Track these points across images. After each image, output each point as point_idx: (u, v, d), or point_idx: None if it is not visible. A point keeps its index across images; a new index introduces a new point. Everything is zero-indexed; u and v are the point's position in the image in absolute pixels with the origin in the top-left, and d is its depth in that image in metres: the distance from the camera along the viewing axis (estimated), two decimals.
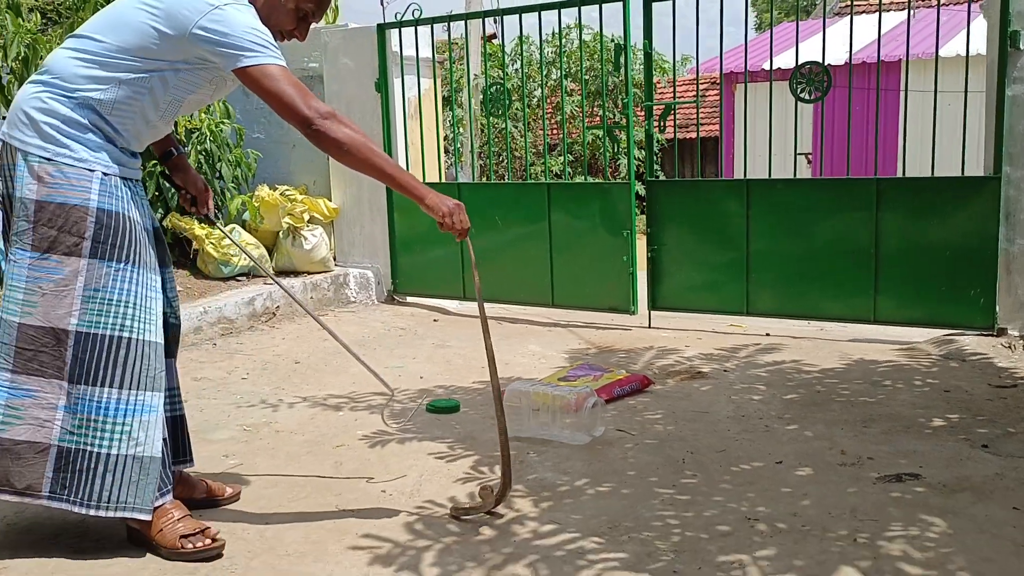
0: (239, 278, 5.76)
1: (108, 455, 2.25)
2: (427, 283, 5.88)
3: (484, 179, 9.99)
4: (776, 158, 4.84)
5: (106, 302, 2.25)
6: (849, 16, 4.67)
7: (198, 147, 5.68)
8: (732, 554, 2.26)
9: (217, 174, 5.87)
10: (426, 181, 5.88)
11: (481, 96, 5.61)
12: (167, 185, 5.64)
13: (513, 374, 4.15)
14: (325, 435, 3.35)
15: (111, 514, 2.28)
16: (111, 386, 2.25)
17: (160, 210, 5.66)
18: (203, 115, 5.52)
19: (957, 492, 2.58)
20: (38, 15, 5.38)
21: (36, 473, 2.26)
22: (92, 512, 2.27)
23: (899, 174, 4.70)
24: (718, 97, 12.97)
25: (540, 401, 3.22)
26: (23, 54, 4.62)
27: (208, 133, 5.62)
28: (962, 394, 3.56)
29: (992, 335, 4.33)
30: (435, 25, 5.68)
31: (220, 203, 5.87)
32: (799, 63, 4.65)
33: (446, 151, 9.63)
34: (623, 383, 3.76)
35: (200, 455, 3.02)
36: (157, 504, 2.33)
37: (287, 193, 6.01)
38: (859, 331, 4.66)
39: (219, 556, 2.33)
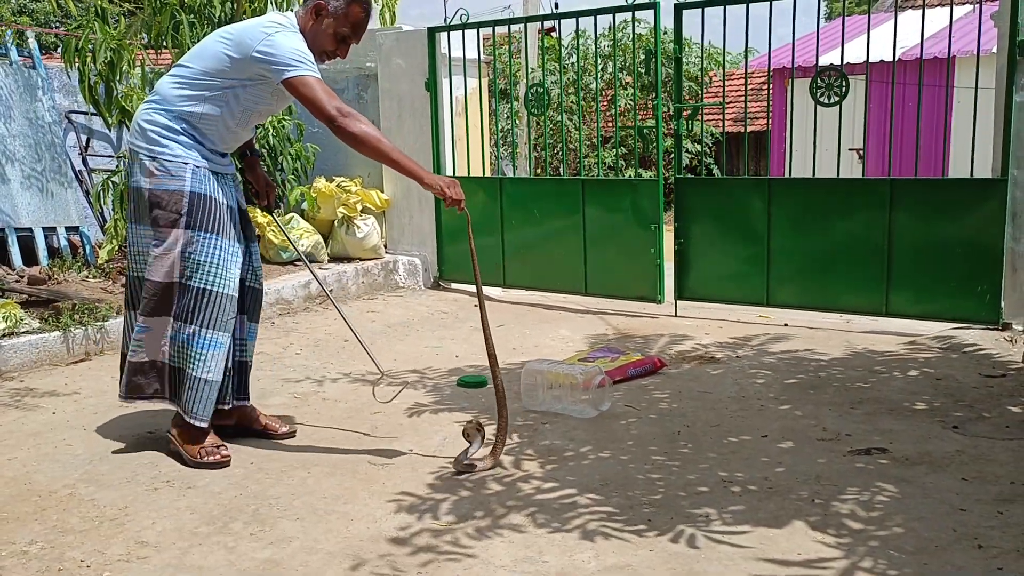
0: (297, 263, 6.24)
1: (190, 375, 2.99)
2: (470, 271, 6.25)
3: (539, 172, 10.35)
4: (826, 154, 5.05)
5: (197, 262, 2.94)
6: (911, 10, 4.89)
7: (261, 141, 6.17)
8: (703, 508, 2.61)
9: (278, 166, 6.36)
10: (471, 175, 6.31)
11: (527, 93, 5.97)
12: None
13: (542, 355, 4.53)
14: (365, 404, 3.77)
15: (188, 419, 3.00)
16: (196, 324, 2.96)
17: None
18: None
19: (916, 464, 2.88)
20: (123, 20, 5.87)
21: (157, 383, 3.06)
22: (183, 413, 3.02)
23: (950, 173, 4.84)
24: (756, 94, 13.10)
25: (553, 379, 3.59)
26: (109, 58, 5.13)
27: (271, 128, 6.10)
28: (952, 382, 3.82)
29: (997, 329, 4.55)
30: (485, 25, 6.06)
31: (281, 194, 6.36)
32: (818, 67, 4.90)
33: (496, 146, 10.02)
34: (637, 364, 4.11)
35: None
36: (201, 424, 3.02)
37: (343, 185, 6.47)
38: (874, 324, 4.91)
39: (227, 465, 3.01)
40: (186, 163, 2.91)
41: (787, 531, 2.44)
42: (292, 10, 3.49)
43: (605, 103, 12.49)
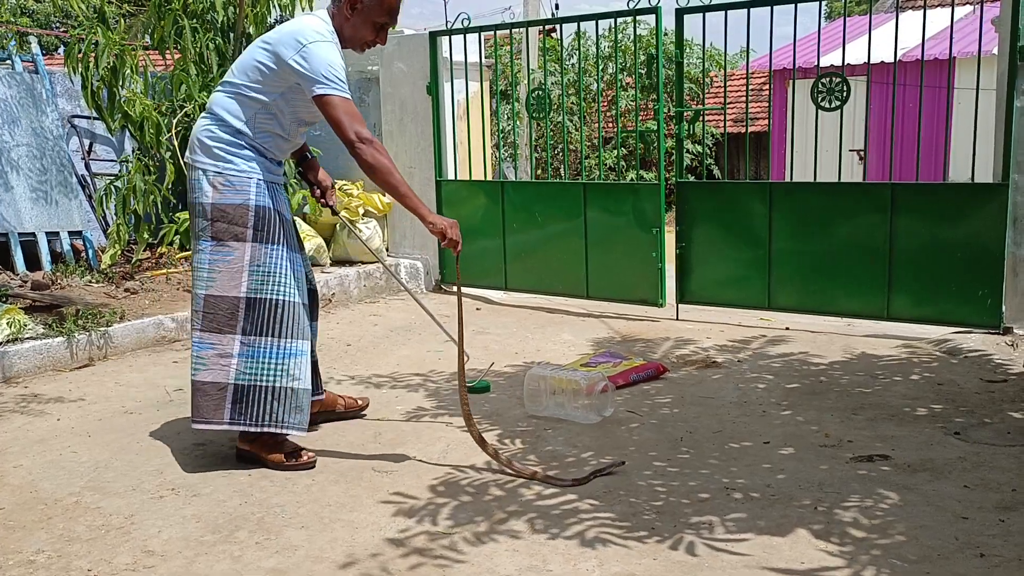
0: None
1: (274, 387, 3.01)
2: (472, 274, 6.28)
3: (540, 173, 10.37)
4: (827, 155, 5.03)
5: (265, 274, 3.00)
6: (911, 10, 4.90)
7: None
8: (705, 516, 2.62)
9: None
10: (472, 178, 6.33)
11: (528, 97, 5.98)
12: None
13: (544, 360, 4.54)
14: (370, 409, 3.77)
15: (275, 430, 3.04)
16: (273, 336, 3.00)
17: None
18: None
19: (918, 471, 2.89)
20: (123, 21, 5.89)
21: (218, 405, 3.01)
22: (263, 429, 3.03)
23: (951, 174, 4.86)
24: (757, 95, 13.13)
25: (557, 384, 3.61)
26: (112, 63, 5.15)
27: None
28: (953, 387, 3.83)
29: (998, 333, 4.56)
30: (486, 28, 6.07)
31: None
32: (819, 71, 4.92)
33: (497, 147, 10.03)
34: (639, 370, 4.12)
35: None
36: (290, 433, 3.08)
37: (345, 188, 6.47)
38: (875, 328, 4.90)
39: (312, 467, 3.08)
40: (251, 177, 2.99)
41: (790, 539, 2.45)
42: (300, 10, 3.50)
43: (606, 104, 12.50)
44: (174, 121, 5.77)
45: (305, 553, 2.46)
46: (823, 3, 4.75)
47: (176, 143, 5.84)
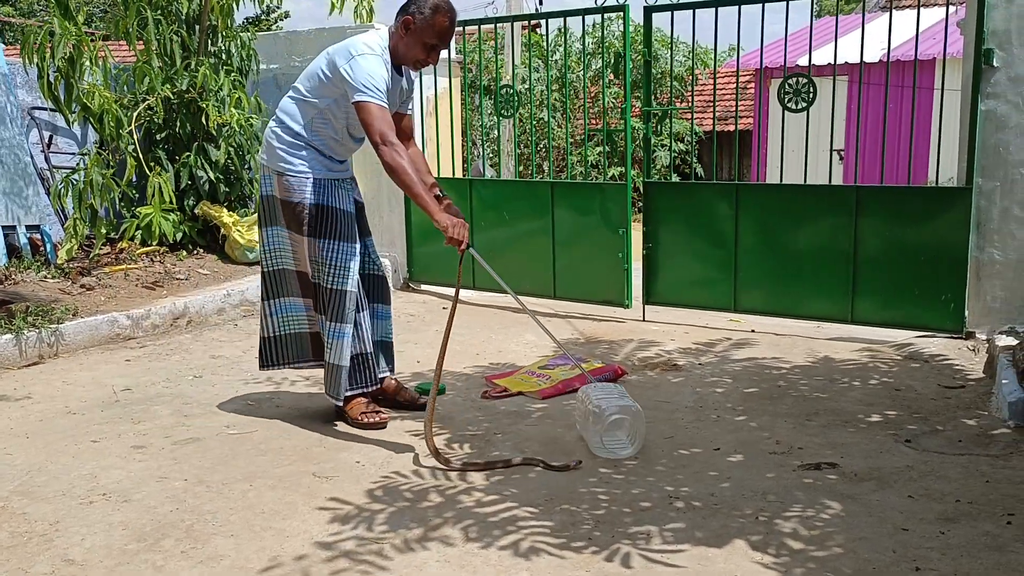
0: None
1: (328, 362, 3.46)
2: (440, 272, 6.23)
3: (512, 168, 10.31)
4: (809, 155, 4.92)
5: (322, 264, 3.38)
6: (896, 10, 4.86)
7: (229, 140, 6.09)
8: (644, 525, 2.57)
9: (246, 164, 6.29)
10: (441, 176, 6.26)
11: (497, 94, 5.91)
12: (200, 175, 6.07)
13: (505, 361, 4.49)
14: (319, 411, 3.71)
15: (329, 396, 3.51)
16: (326, 317, 3.42)
17: (192, 198, 6.10)
18: (233, 110, 5.92)
19: (864, 480, 2.85)
20: (84, 12, 5.78)
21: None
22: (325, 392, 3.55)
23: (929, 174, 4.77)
24: (740, 96, 13.08)
25: (585, 408, 3.26)
26: (69, 54, 5.05)
27: (238, 128, 6.02)
28: (910, 393, 3.79)
29: (961, 338, 4.53)
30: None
31: (249, 192, 6.32)
32: (786, 74, 4.87)
33: (474, 144, 9.94)
34: (596, 373, 4.06)
35: (204, 425, 3.50)
36: (351, 394, 3.49)
37: None
38: (841, 331, 4.86)
39: (383, 427, 3.46)
40: (308, 178, 3.35)
41: (726, 551, 2.40)
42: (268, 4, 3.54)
43: (580, 103, 12.44)
44: (135, 114, 5.68)
45: (231, 563, 2.40)
46: (790, 3, 4.69)
47: (137, 137, 5.75)
